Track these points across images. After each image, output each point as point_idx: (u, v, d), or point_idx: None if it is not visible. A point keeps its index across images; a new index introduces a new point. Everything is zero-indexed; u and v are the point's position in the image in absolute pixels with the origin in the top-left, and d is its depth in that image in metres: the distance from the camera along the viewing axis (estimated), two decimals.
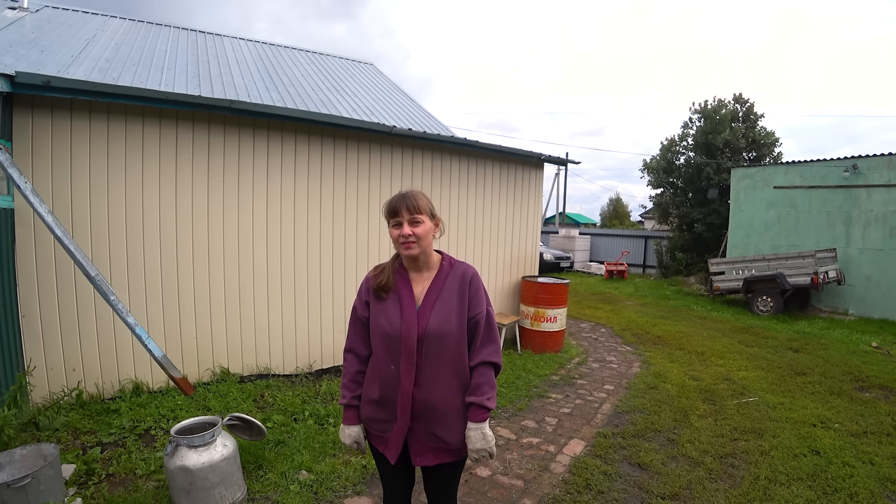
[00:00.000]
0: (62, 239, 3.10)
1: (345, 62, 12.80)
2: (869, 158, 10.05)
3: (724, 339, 7.62)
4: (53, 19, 8.75)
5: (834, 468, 3.46)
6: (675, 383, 5.28)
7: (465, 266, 1.86)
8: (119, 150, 3.97)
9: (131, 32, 9.38)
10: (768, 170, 12.00)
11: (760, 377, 5.62)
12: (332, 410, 4.06)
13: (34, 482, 2.31)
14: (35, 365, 3.68)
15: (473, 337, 1.78)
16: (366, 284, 1.87)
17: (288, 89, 9.16)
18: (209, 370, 4.53)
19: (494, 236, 6.71)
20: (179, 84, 7.55)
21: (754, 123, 16.22)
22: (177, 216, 4.25)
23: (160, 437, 3.50)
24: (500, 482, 3.21)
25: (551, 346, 6.46)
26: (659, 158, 17.59)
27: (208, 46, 10.12)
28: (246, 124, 4.53)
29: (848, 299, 10.24)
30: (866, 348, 7.23)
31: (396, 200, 1.74)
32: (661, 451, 3.68)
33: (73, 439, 3.40)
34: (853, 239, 10.24)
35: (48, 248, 3.71)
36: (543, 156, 6.95)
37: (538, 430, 4.08)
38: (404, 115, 10.25)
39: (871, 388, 5.34)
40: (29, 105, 3.59)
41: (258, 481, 3.02)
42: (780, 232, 11.53)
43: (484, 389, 1.74)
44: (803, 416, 4.43)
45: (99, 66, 7.13)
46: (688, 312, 10.09)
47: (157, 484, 2.94)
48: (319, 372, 5.11)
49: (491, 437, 1.74)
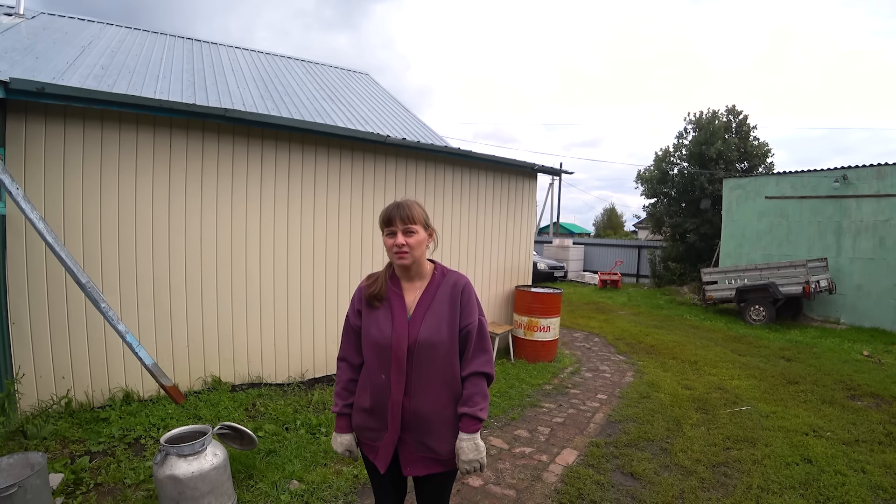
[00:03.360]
0: (53, 245, 3.09)
1: (340, 72, 12.85)
2: (858, 169, 10.18)
3: (716, 348, 7.65)
4: (49, 26, 8.75)
5: (826, 476, 3.47)
6: (668, 392, 5.29)
7: (458, 275, 1.86)
8: (112, 157, 3.96)
9: (127, 40, 9.40)
10: (760, 180, 12.12)
11: (753, 386, 5.64)
12: (324, 420, 4.04)
13: (20, 491, 2.28)
14: (24, 372, 3.65)
15: (465, 347, 1.78)
16: (358, 293, 1.87)
17: (283, 98, 9.18)
18: (200, 379, 4.50)
19: (488, 246, 6.73)
20: (174, 92, 7.55)
21: (747, 135, 16.39)
22: (169, 224, 4.24)
23: (150, 446, 3.46)
24: (492, 492, 3.19)
25: (545, 356, 6.46)
26: (653, 169, 17.72)
27: (204, 55, 10.14)
28: (240, 133, 4.54)
29: (839, 308, 10.31)
30: (858, 357, 7.28)
31: (391, 210, 1.75)
32: (653, 461, 3.68)
33: (62, 448, 3.36)
34: (844, 248, 10.34)
35: (39, 255, 3.69)
36: (537, 166, 7.00)
37: (531, 439, 4.07)
38: (399, 124, 10.29)
39: (862, 397, 5.38)
40: (23, 111, 3.59)
41: (249, 491, 3.00)
42: (772, 242, 11.62)
43: (476, 400, 1.73)
44: (795, 424, 4.45)
45: (94, 74, 7.12)
46: (681, 322, 10.13)
47: (146, 493, 2.90)
48: (311, 381, 5.08)
49: (483, 447, 1.74)
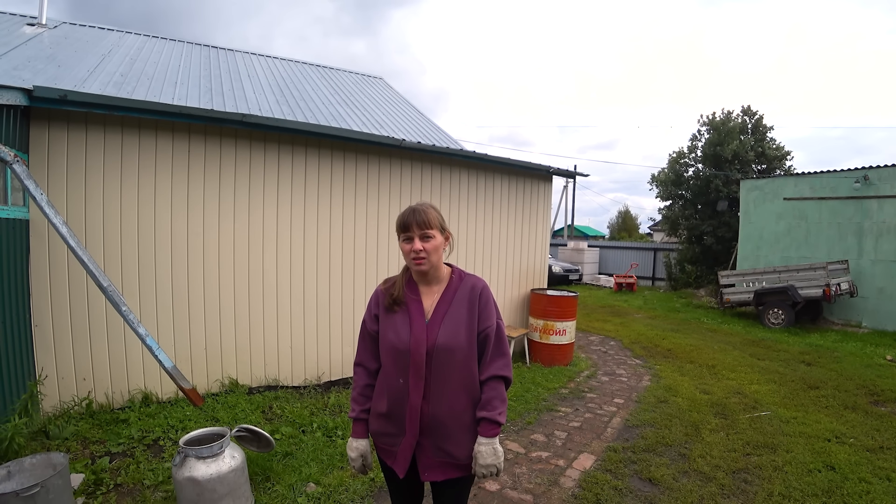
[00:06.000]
0: (76, 249, 3.14)
1: (355, 76, 12.93)
2: (880, 169, 9.97)
3: (734, 352, 7.53)
4: (71, 35, 8.94)
5: (850, 484, 3.39)
6: (686, 397, 5.22)
7: (475, 279, 1.85)
8: (132, 163, 4.04)
9: (146, 48, 9.56)
10: (778, 181, 11.94)
11: (772, 391, 5.54)
12: (341, 423, 4.05)
13: (43, 491, 2.32)
14: (46, 374, 3.72)
15: (483, 351, 1.77)
16: (375, 298, 1.87)
17: (299, 103, 9.26)
18: (218, 381, 4.55)
19: (503, 249, 6.71)
20: (192, 98, 7.65)
21: (763, 135, 16.16)
22: (188, 228, 4.30)
23: (169, 448, 3.50)
24: (509, 497, 3.17)
25: (560, 359, 6.42)
26: (667, 171, 17.55)
27: (220, 61, 10.28)
28: (257, 138, 4.59)
29: (861, 312, 10.10)
30: (881, 361, 7.11)
31: (407, 215, 1.74)
32: (672, 466, 3.63)
33: (83, 448, 3.42)
34: (865, 250, 10.13)
35: (62, 259, 3.77)
36: (552, 168, 6.97)
37: (547, 443, 4.04)
38: (413, 128, 10.32)
39: (886, 403, 5.25)
40: (46, 118, 3.68)
41: (266, 493, 3.02)
42: (791, 244, 11.43)
43: (495, 404, 1.72)
44: (817, 430, 4.36)
45: (114, 81, 7.25)
46: (698, 325, 9.99)
47: (164, 495, 2.94)
48: (328, 384, 5.10)
49: (501, 452, 1.72)
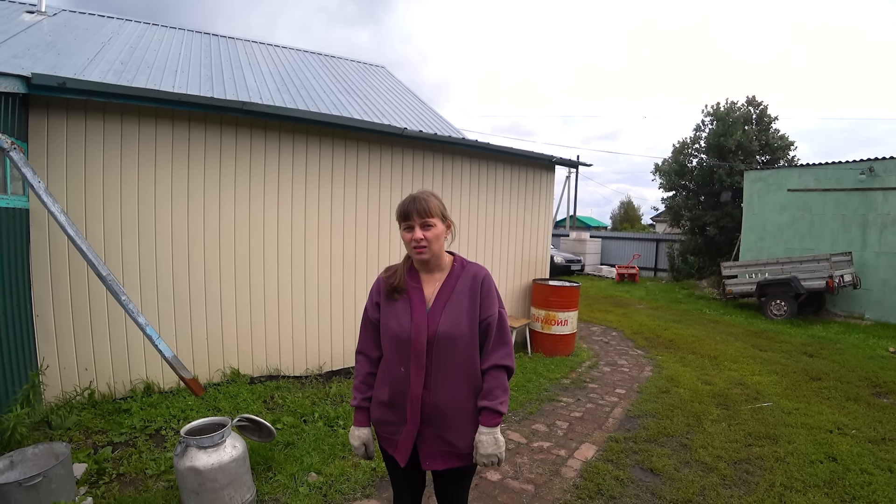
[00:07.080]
0: (75, 239, 3.12)
1: (356, 65, 12.84)
2: (885, 161, 9.88)
3: (737, 343, 7.52)
4: (70, 23, 8.87)
5: (852, 475, 3.39)
6: (688, 388, 5.21)
7: (477, 267, 1.83)
8: (132, 151, 4.00)
9: (146, 36, 9.49)
10: (782, 172, 11.85)
11: (774, 382, 5.53)
12: (342, 412, 4.05)
13: (46, 481, 2.32)
14: (48, 364, 3.72)
15: (485, 339, 1.75)
16: (377, 286, 1.85)
17: (300, 92, 9.20)
18: (219, 371, 4.55)
19: (505, 238, 6.68)
20: (192, 86, 7.61)
21: (767, 126, 16.02)
22: (188, 217, 4.27)
23: (170, 438, 3.51)
24: (510, 486, 3.18)
25: (562, 350, 6.41)
26: (671, 161, 17.44)
27: (221, 50, 10.21)
28: (258, 126, 4.55)
29: (864, 303, 10.06)
30: (883, 353, 7.09)
31: (407, 204, 1.72)
32: (673, 457, 3.62)
33: (85, 438, 3.42)
34: (869, 242, 10.07)
35: (62, 249, 3.75)
36: (554, 158, 6.91)
37: (549, 434, 4.04)
38: (416, 117, 10.26)
39: (888, 394, 5.24)
40: (45, 106, 3.64)
41: (267, 483, 3.02)
42: (794, 235, 11.37)
43: (496, 394, 1.71)
44: (819, 421, 4.35)
45: (113, 69, 7.20)
46: (700, 316, 9.98)
47: (167, 484, 2.94)
48: (329, 374, 5.11)
49: (502, 442, 1.71)
